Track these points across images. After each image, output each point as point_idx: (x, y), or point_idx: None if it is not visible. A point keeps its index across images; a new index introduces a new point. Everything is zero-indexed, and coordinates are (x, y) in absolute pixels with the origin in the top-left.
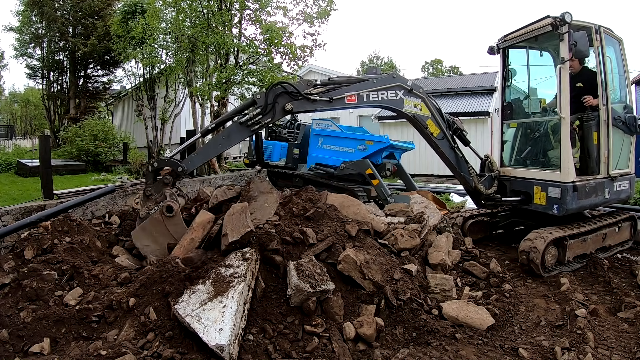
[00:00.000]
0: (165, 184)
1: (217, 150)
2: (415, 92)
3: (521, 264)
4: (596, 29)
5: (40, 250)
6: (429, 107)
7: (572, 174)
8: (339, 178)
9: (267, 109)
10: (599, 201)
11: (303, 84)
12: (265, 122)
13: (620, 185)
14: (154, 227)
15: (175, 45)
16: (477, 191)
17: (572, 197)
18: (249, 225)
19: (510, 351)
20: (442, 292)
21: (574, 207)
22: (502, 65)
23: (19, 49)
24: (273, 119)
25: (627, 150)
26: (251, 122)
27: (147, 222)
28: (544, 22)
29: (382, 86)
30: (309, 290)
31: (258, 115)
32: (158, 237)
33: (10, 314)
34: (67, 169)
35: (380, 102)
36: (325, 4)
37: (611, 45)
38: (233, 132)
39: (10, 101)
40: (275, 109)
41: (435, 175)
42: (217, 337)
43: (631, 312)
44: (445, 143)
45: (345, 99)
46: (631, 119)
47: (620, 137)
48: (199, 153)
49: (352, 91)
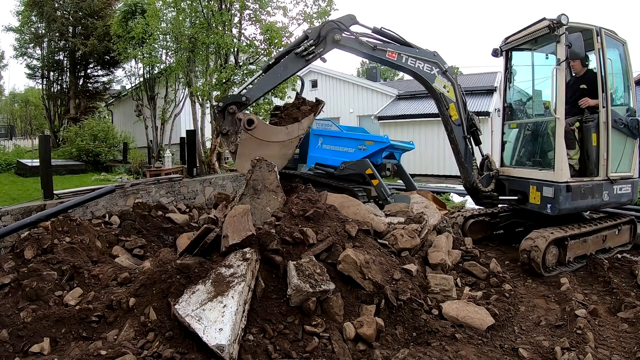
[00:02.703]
0: (232, 113)
1: (276, 80)
2: (449, 75)
3: (522, 263)
4: (597, 31)
5: (40, 250)
6: (456, 93)
7: (565, 174)
8: (339, 178)
9: (319, 40)
10: (597, 203)
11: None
12: (318, 52)
13: (622, 189)
14: (247, 148)
15: (175, 45)
16: (475, 188)
17: (565, 197)
18: (250, 229)
19: (510, 351)
20: (442, 292)
21: (567, 207)
22: (505, 67)
23: (19, 49)
24: (324, 49)
25: (629, 153)
26: (306, 53)
27: (240, 149)
28: (541, 25)
29: (422, 57)
30: (309, 290)
31: (311, 46)
32: (255, 153)
33: (10, 314)
34: (67, 169)
35: (415, 70)
36: (325, 4)
37: (614, 48)
38: (290, 63)
39: (10, 101)
40: (326, 40)
41: (435, 175)
42: (217, 337)
43: (631, 312)
44: (460, 130)
45: (387, 53)
46: (634, 122)
47: (621, 139)
48: (259, 83)
49: (395, 49)
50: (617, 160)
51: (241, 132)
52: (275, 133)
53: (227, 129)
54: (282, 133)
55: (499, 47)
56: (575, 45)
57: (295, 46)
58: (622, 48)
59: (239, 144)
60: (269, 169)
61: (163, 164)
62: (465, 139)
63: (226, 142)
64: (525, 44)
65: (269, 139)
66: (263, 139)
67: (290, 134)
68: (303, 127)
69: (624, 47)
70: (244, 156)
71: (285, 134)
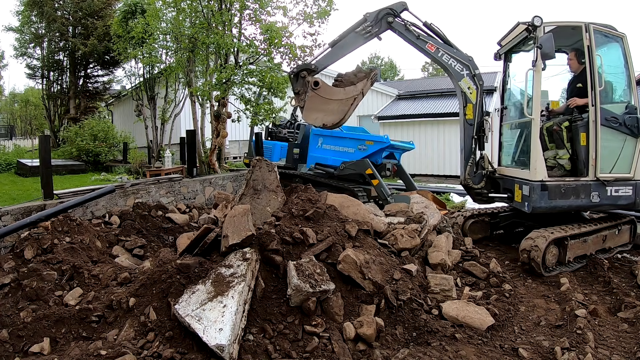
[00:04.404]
0: (303, 77)
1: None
2: (477, 80)
3: (522, 263)
4: (585, 27)
5: (40, 250)
6: (477, 98)
7: (540, 173)
8: (339, 178)
9: (375, 21)
10: (584, 204)
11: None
12: (374, 32)
13: (619, 191)
14: (313, 103)
15: (175, 45)
16: (467, 185)
17: (540, 195)
18: (250, 229)
19: (510, 351)
20: (442, 292)
21: (543, 206)
22: (503, 69)
23: (19, 48)
24: (379, 30)
25: (628, 153)
26: (364, 32)
27: (307, 104)
28: (519, 29)
29: (457, 57)
30: (309, 290)
31: (369, 26)
32: (319, 107)
33: (10, 314)
34: (67, 169)
35: (447, 65)
36: (325, 4)
37: (611, 43)
38: (351, 39)
39: (11, 101)
40: (382, 22)
41: (435, 175)
42: (217, 337)
43: (631, 312)
44: (470, 130)
45: (427, 44)
46: (632, 120)
47: (617, 139)
48: (325, 55)
49: (435, 43)
50: (612, 160)
51: (309, 91)
52: (335, 93)
53: (298, 89)
54: (340, 93)
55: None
56: (546, 47)
57: (356, 26)
58: (621, 43)
59: (307, 100)
60: (269, 169)
61: (163, 164)
62: (472, 139)
63: (297, 100)
64: (517, 47)
65: (330, 97)
66: (325, 96)
67: (347, 93)
68: (358, 89)
69: (622, 41)
70: (310, 110)
71: (343, 93)
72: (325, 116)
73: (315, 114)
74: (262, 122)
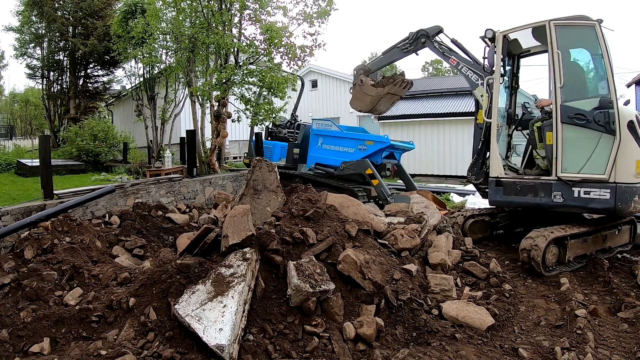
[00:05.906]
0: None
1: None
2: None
3: (522, 262)
4: (548, 25)
5: (40, 250)
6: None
7: (496, 170)
8: (339, 178)
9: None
10: (544, 203)
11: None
12: (411, 49)
13: (589, 193)
14: (357, 94)
15: (175, 45)
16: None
17: (495, 190)
18: (250, 229)
19: (510, 351)
20: (442, 292)
21: (498, 200)
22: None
23: (19, 49)
24: (415, 48)
25: (603, 152)
26: (403, 48)
27: (354, 94)
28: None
29: (474, 69)
30: (309, 290)
31: (407, 44)
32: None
33: (10, 314)
34: (67, 169)
35: (465, 76)
36: (325, 4)
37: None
38: (394, 52)
39: (11, 101)
40: (417, 42)
41: (435, 175)
42: (217, 337)
43: (631, 312)
44: (479, 132)
45: (450, 59)
46: (601, 116)
47: (588, 136)
48: (377, 60)
49: (456, 58)
50: (580, 160)
51: (356, 85)
52: (370, 90)
53: (354, 83)
54: (373, 91)
55: None
56: (489, 58)
57: (400, 42)
58: (594, 30)
59: (354, 91)
60: (269, 169)
61: (163, 164)
62: (480, 140)
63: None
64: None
65: (367, 92)
66: (364, 91)
67: (377, 92)
68: (385, 90)
69: (595, 28)
70: (354, 98)
71: (375, 91)
72: (361, 105)
73: (355, 102)
74: (262, 122)
